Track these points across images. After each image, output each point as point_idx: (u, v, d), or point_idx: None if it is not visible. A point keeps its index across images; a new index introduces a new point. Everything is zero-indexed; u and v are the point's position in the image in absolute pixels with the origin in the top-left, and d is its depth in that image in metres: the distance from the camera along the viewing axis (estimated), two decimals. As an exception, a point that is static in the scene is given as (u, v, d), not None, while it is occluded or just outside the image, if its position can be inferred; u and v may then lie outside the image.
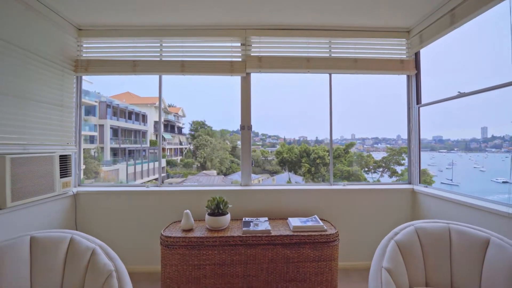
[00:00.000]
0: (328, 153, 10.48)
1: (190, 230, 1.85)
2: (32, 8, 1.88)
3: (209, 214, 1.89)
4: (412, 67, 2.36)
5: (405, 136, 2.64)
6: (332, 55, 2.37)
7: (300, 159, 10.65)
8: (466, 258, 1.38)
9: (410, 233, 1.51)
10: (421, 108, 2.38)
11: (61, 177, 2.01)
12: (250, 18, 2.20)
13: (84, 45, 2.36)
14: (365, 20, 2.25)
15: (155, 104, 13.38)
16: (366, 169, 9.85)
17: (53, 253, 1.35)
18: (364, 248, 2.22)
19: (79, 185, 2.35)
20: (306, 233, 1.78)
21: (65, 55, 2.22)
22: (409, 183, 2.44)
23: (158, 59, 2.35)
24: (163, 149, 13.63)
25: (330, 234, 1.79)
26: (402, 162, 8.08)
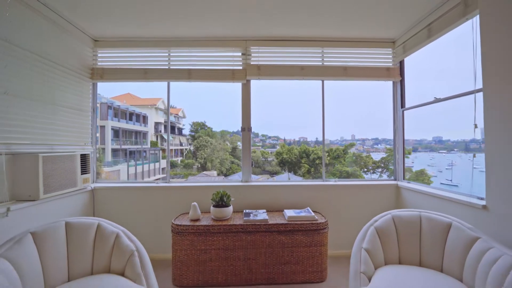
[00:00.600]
0: (327, 154, 10.76)
1: (197, 220, 2.14)
2: (57, 24, 2.17)
3: (214, 206, 2.18)
4: (397, 74, 2.66)
5: (405, 137, 2.88)
6: (325, 63, 2.67)
7: (300, 159, 10.95)
8: (432, 239, 1.66)
9: (387, 220, 1.80)
10: (411, 110, 2.65)
11: (81, 174, 2.30)
12: (250, 31, 2.49)
13: (99, 55, 2.66)
14: (354, 32, 2.54)
15: (155, 105, 13.63)
16: (366, 169, 10.12)
17: (84, 236, 1.63)
18: (353, 237, 2.49)
19: (95, 182, 2.64)
20: (299, 222, 2.07)
21: (83, 64, 2.51)
22: (395, 179, 2.73)
23: (167, 67, 2.64)
24: (164, 150, 13.84)
25: (320, 223, 2.08)
26: (401, 162, 8.31)
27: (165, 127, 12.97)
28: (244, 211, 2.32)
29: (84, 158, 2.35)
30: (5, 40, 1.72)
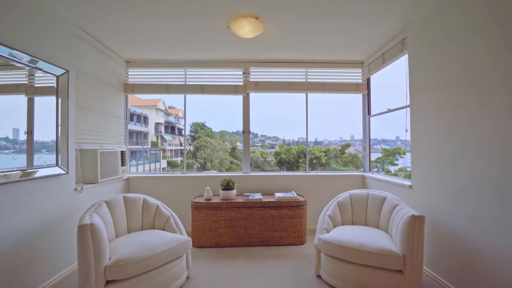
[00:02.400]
0: (324, 153, 11.65)
1: (209, 199, 3.04)
2: (103, 52, 3.07)
3: (222, 189, 3.07)
4: (364, 89, 3.56)
5: (403, 137, 3.71)
6: (308, 80, 3.57)
7: (298, 159, 11.92)
8: (374, 208, 2.56)
9: (346, 197, 2.70)
10: (374, 117, 3.57)
11: (121, 166, 3.19)
12: (249, 55, 3.39)
13: (130, 73, 3.55)
14: (331, 56, 3.43)
15: (155, 106, 14.48)
16: (362, 169, 11.01)
17: (136, 205, 2.52)
18: (329, 217, 3.39)
19: (128, 172, 3.53)
20: (285, 201, 2.97)
21: (119, 80, 3.41)
22: (363, 171, 3.64)
23: (184, 83, 3.54)
24: (164, 150, 14.64)
25: (300, 201, 2.98)
26: (396, 162, 9.18)
27: (165, 127, 13.83)
28: (245, 193, 3.22)
29: (122, 154, 3.24)
30: (78, 69, 2.62)
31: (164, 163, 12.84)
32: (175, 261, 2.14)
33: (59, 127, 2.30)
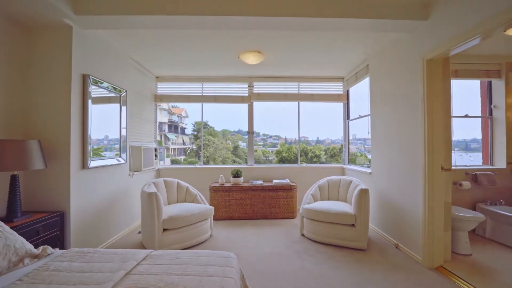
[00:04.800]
0: (324, 152, 12.86)
1: (223, 184, 4.29)
2: (141, 71, 4.33)
3: (232, 177, 4.32)
4: (345, 99, 4.80)
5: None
6: (300, 91, 4.81)
7: (299, 157, 13.08)
8: (343, 188, 3.80)
9: (324, 181, 3.94)
10: (350, 122, 4.81)
11: (155, 159, 4.45)
12: (253, 73, 4.63)
13: (158, 86, 4.81)
14: (318, 72, 4.66)
15: (159, 105, 15.70)
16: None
17: (172, 186, 3.78)
18: (316, 200, 4.63)
19: (158, 165, 4.79)
20: (280, 185, 4.22)
21: (151, 92, 4.67)
22: (344, 164, 4.88)
23: (201, 94, 4.79)
24: (167, 149, 15.91)
25: (292, 185, 4.23)
26: (394, 161, 10.32)
27: (169, 126, 15.04)
28: (250, 180, 4.47)
29: (155, 150, 4.50)
30: (130, 88, 3.87)
31: (168, 161, 14.09)
32: (203, 221, 3.39)
33: (122, 129, 3.57)
